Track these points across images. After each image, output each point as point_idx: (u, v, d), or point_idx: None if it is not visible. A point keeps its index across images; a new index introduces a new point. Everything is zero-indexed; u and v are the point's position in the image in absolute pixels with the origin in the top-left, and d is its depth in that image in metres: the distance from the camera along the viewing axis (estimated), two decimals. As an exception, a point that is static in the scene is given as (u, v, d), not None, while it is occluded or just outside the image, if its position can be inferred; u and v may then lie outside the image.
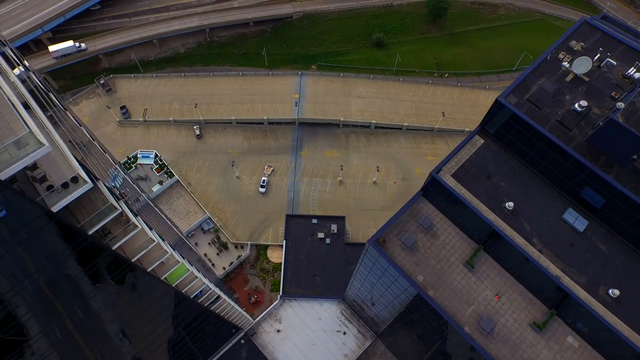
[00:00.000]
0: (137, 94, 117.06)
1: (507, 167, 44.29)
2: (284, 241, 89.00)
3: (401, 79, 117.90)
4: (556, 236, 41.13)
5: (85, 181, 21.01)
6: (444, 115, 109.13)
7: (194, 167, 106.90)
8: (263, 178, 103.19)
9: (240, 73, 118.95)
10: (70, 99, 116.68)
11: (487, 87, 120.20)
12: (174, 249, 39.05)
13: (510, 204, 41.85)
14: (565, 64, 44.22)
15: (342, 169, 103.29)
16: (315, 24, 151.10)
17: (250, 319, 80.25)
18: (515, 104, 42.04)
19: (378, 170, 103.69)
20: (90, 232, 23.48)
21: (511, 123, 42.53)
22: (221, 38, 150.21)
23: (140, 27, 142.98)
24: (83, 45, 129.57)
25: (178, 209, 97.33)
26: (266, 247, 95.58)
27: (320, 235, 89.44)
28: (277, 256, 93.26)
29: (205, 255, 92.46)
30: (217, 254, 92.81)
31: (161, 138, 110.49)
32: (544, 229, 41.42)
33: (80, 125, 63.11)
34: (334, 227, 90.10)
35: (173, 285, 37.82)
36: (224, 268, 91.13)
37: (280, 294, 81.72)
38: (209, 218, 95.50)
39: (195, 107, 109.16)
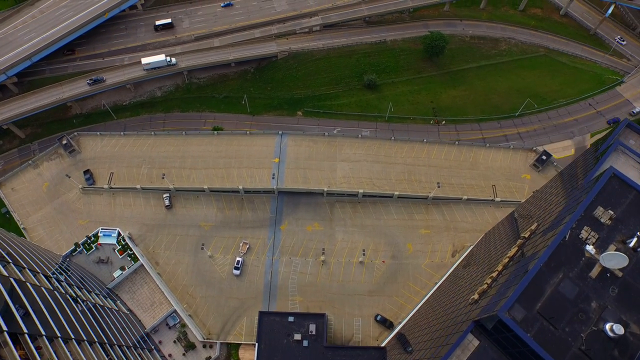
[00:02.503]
0: (103, 154, 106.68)
1: (509, 385, 33.94)
2: (256, 343, 78.94)
3: (392, 137, 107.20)
4: None
5: None
6: (439, 186, 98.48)
7: (163, 243, 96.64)
8: (238, 258, 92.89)
9: (216, 132, 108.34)
10: (30, 162, 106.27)
11: (487, 144, 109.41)
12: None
13: None
14: (590, 248, 33.74)
15: (323, 252, 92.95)
16: (302, 64, 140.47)
17: None
18: (522, 320, 31.50)
19: (364, 254, 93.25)
20: None
21: (514, 341, 32.09)
22: (200, 80, 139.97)
23: (113, 71, 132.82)
24: (173, 59, 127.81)
25: (141, 299, 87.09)
26: (238, 345, 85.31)
27: (297, 336, 79.31)
28: (249, 357, 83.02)
29: (169, 355, 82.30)
30: (183, 354, 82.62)
31: (127, 208, 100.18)
32: None
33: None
34: (312, 328, 79.97)
35: None
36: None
37: (250, 414, 71.67)
38: (175, 311, 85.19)
39: (163, 177, 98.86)
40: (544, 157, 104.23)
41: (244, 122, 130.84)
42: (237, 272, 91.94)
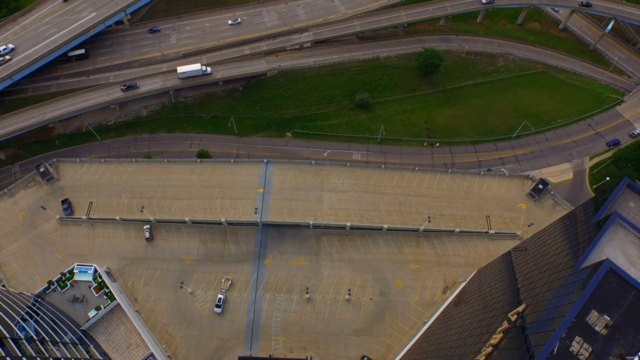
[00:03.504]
0: (82, 182, 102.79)
1: None
2: (236, 392, 75.42)
3: (382, 166, 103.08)
4: None
5: None
6: (429, 221, 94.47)
7: (142, 278, 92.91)
8: (219, 295, 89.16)
9: (199, 160, 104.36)
10: (5, 190, 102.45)
11: (481, 172, 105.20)
12: None
13: None
14: (579, 362, 29.73)
15: (307, 293, 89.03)
16: (292, 82, 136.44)
17: None
18: None
19: (350, 294, 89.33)
20: None
21: None
22: (187, 99, 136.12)
23: (97, 90, 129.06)
24: (208, 69, 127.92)
25: (117, 341, 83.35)
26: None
27: (279, 384, 75.65)
28: (229, 405, 79.51)
29: (145, 403, 78.75)
30: (160, 400, 79.07)
31: (107, 240, 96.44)
32: None
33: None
34: (294, 375, 76.27)
35: None
36: (166, 421, 77.53)
37: None
38: (152, 355, 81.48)
39: (142, 210, 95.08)
40: (540, 187, 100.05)
41: (232, 143, 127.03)
42: (218, 309, 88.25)
